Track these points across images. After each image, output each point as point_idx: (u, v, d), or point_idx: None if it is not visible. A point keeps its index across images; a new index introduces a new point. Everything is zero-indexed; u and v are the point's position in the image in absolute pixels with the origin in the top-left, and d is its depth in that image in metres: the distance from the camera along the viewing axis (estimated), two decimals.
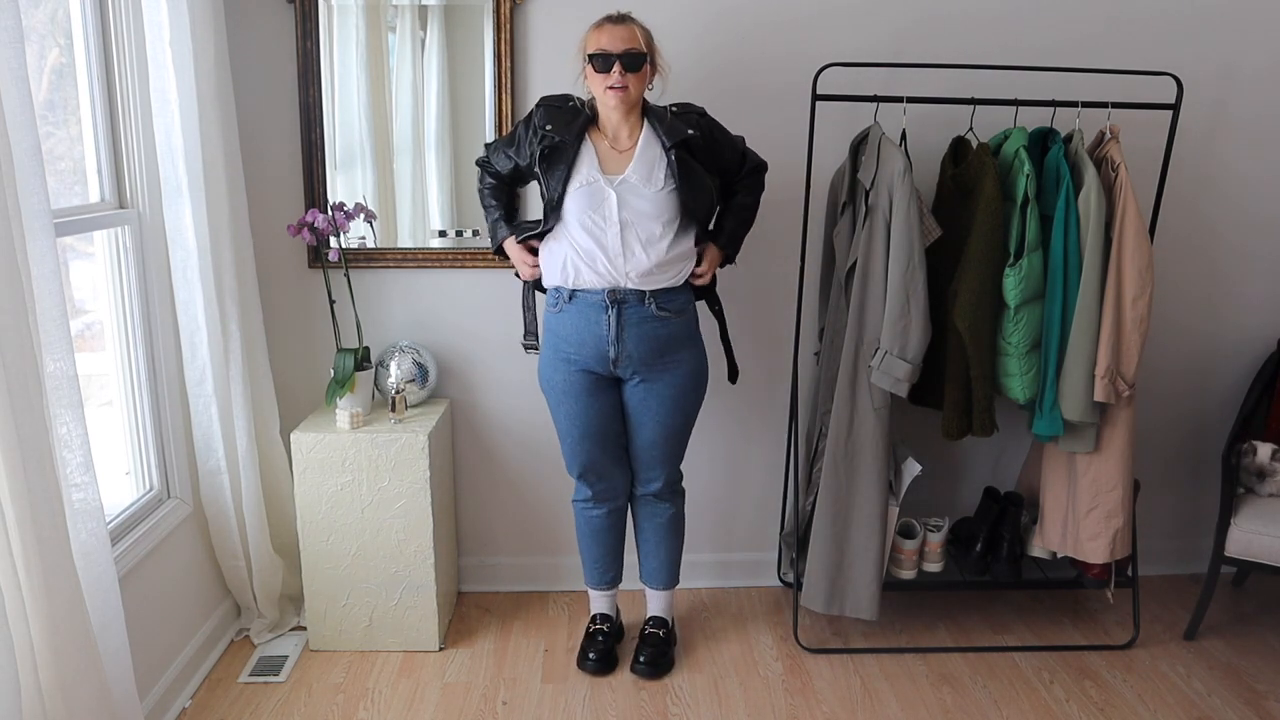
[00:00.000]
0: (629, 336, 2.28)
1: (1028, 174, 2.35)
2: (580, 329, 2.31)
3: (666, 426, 2.41)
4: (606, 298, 2.26)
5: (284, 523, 2.77)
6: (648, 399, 2.38)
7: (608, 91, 2.18)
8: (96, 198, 2.27)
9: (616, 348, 2.29)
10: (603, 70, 2.17)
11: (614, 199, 2.22)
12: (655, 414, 2.39)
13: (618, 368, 2.33)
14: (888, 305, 2.40)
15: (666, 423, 2.41)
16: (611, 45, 2.16)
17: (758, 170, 2.43)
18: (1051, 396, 2.47)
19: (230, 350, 2.47)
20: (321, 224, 2.53)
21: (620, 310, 2.27)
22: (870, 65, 2.50)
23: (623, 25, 2.19)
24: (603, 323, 2.28)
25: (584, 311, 2.29)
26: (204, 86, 2.29)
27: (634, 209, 2.22)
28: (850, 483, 2.54)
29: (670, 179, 2.23)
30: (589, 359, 2.33)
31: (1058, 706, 2.47)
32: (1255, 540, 2.60)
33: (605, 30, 2.19)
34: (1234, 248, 2.93)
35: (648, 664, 2.56)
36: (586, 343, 2.31)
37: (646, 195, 2.22)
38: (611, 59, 2.16)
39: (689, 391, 2.40)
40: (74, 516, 1.75)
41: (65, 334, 1.70)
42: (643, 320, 2.28)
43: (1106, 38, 2.72)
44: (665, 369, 2.35)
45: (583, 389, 2.37)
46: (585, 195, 2.23)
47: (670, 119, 2.27)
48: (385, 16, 2.65)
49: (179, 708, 2.39)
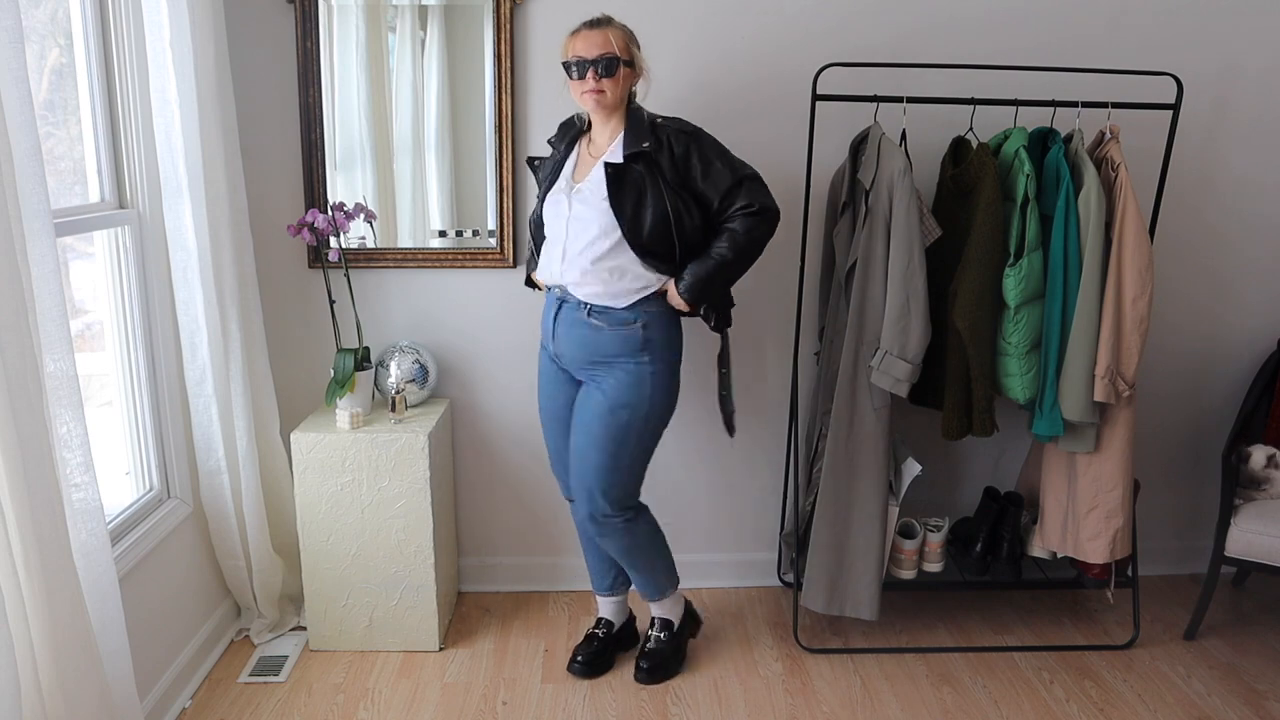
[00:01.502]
0: (560, 334, 2.33)
1: (1028, 174, 2.35)
2: (543, 318, 2.41)
3: (591, 434, 2.30)
4: (556, 293, 2.33)
5: (284, 523, 2.77)
6: (582, 400, 2.34)
7: (584, 96, 2.20)
8: (96, 198, 2.27)
9: (554, 344, 2.36)
10: (578, 77, 2.18)
11: (566, 203, 2.27)
12: (580, 416, 2.33)
13: (560, 362, 2.38)
14: (888, 305, 2.40)
15: (590, 429, 2.29)
16: (586, 51, 2.16)
17: (754, 214, 2.18)
18: (1051, 396, 2.47)
19: (230, 350, 2.47)
20: (321, 224, 2.53)
21: (560, 308, 2.32)
22: (870, 65, 2.50)
23: (598, 30, 2.18)
24: (550, 315, 2.36)
25: (546, 302, 2.40)
26: (204, 86, 2.29)
27: (578, 216, 2.24)
28: (850, 483, 2.54)
29: (601, 191, 2.18)
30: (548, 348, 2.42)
31: (1058, 706, 2.47)
32: (1255, 540, 2.60)
33: (580, 36, 2.19)
34: (1234, 248, 2.93)
35: (647, 670, 2.55)
36: (543, 331, 2.41)
37: (592, 204, 2.21)
38: (586, 65, 2.16)
39: (618, 403, 2.26)
40: (74, 516, 1.75)
41: (65, 334, 1.70)
42: (575, 323, 2.30)
43: (1106, 38, 2.72)
44: (601, 374, 2.29)
45: (547, 376, 2.46)
46: (552, 200, 2.31)
47: (641, 129, 2.19)
48: (385, 16, 2.65)
49: (179, 708, 2.39)
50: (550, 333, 2.36)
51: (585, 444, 2.32)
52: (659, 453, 2.41)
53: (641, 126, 2.20)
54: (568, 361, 2.35)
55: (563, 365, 2.38)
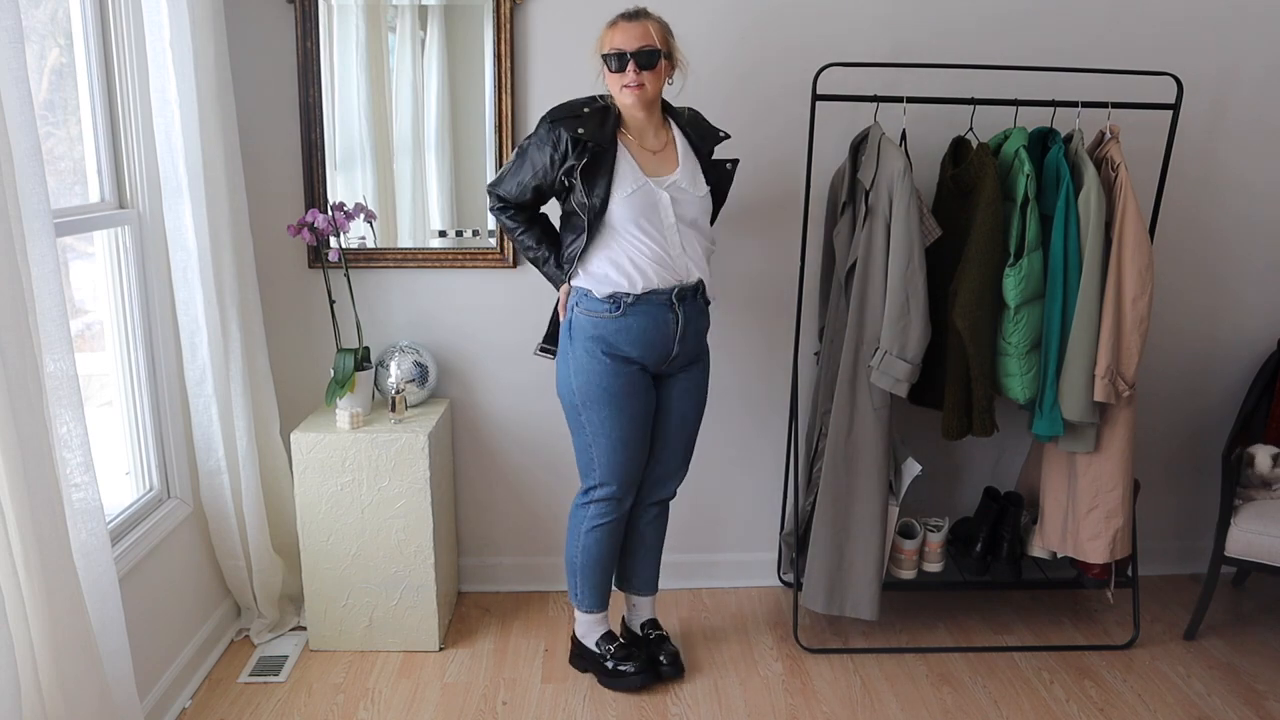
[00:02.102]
0: (689, 331, 2.33)
1: (1028, 174, 2.35)
2: (648, 329, 2.27)
3: (694, 420, 2.47)
4: (674, 296, 2.28)
5: (284, 523, 2.77)
6: (689, 390, 2.42)
7: (624, 90, 2.17)
8: (96, 198, 2.27)
9: (679, 344, 2.32)
10: (618, 70, 2.16)
11: (667, 200, 2.23)
12: (693, 405, 2.45)
13: (673, 364, 2.35)
14: (888, 305, 2.40)
15: (694, 415, 2.47)
16: (625, 43, 2.14)
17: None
18: (1051, 396, 2.47)
19: (230, 350, 2.47)
20: (321, 224, 2.53)
21: (683, 307, 2.30)
22: (870, 65, 2.50)
23: (636, 22, 2.17)
24: (669, 320, 2.29)
25: (651, 312, 2.26)
26: (204, 86, 2.29)
27: (685, 210, 2.26)
28: (850, 483, 2.54)
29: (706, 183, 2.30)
30: (653, 359, 2.31)
31: (1058, 706, 2.47)
32: (1255, 540, 2.60)
33: (619, 28, 2.17)
34: (1234, 248, 2.93)
35: (672, 665, 2.55)
36: (655, 343, 2.28)
37: (693, 196, 2.26)
38: (626, 57, 2.14)
39: (707, 380, 2.48)
40: (74, 516, 1.75)
41: (65, 334, 1.70)
42: (698, 314, 2.34)
43: (1106, 38, 2.72)
44: (698, 360, 2.42)
45: (644, 387, 2.34)
46: (638, 200, 2.19)
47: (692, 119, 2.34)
48: (385, 16, 2.65)
49: (179, 708, 2.39)
50: (674, 336, 2.29)
51: (691, 431, 2.47)
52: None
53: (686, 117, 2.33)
54: (685, 356, 2.36)
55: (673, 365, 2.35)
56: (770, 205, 2.78)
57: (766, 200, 2.78)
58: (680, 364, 2.37)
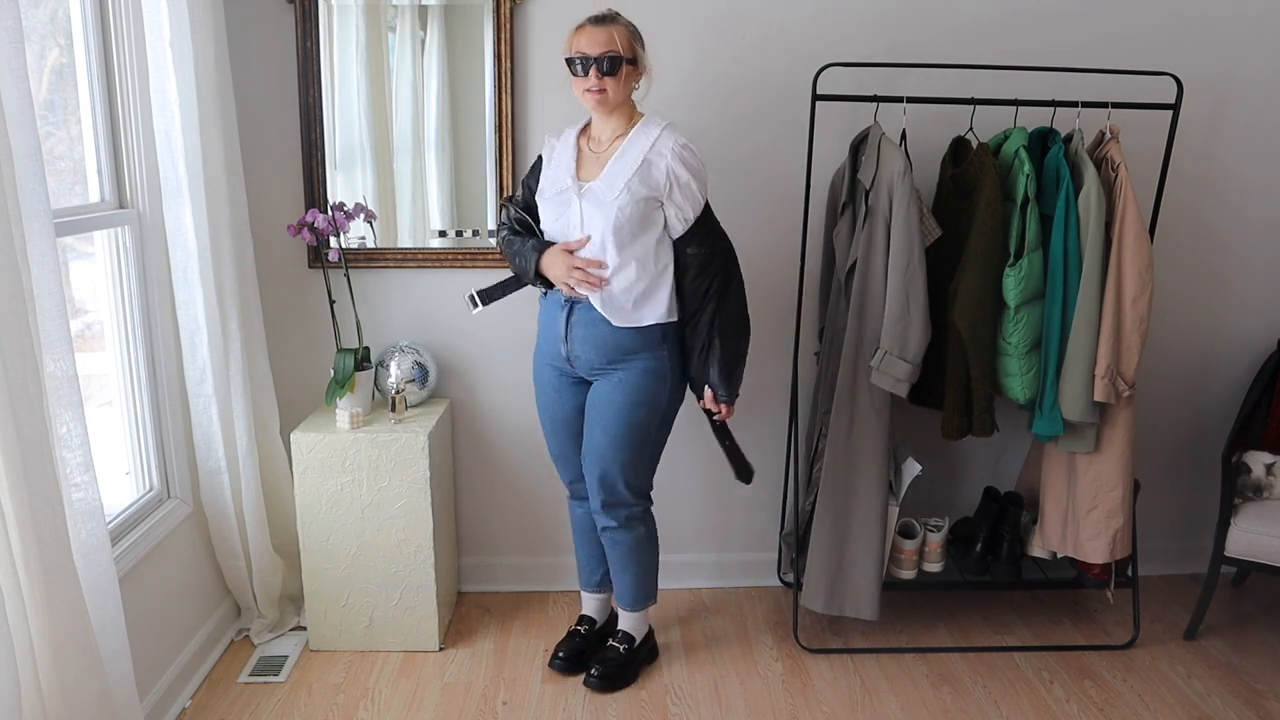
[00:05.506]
0: (575, 337, 2.30)
1: (1028, 174, 2.35)
2: (546, 325, 2.38)
3: (600, 428, 2.33)
4: (564, 298, 2.29)
5: (284, 523, 2.77)
6: (601, 396, 2.33)
7: (585, 94, 2.18)
8: (96, 198, 2.27)
9: (567, 346, 2.33)
10: (580, 74, 2.16)
11: (577, 206, 2.23)
12: (602, 413, 2.32)
13: (574, 366, 2.35)
14: (888, 305, 2.40)
15: (604, 424, 2.32)
16: (589, 48, 2.14)
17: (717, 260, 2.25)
18: (1051, 396, 2.47)
19: (230, 350, 2.47)
20: (321, 224, 2.53)
21: (571, 310, 2.29)
22: (870, 65, 2.50)
23: (602, 27, 2.15)
24: (559, 319, 2.32)
25: (549, 309, 2.36)
26: (204, 86, 2.29)
27: (591, 217, 2.21)
28: (850, 483, 2.54)
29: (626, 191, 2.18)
30: (553, 355, 2.38)
31: (1058, 706, 2.47)
32: (1255, 540, 2.60)
33: (585, 32, 2.16)
34: (1234, 248, 2.93)
35: (598, 678, 2.50)
36: (550, 339, 2.37)
37: (606, 203, 2.19)
38: (589, 62, 2.14)
39: (635, 391, 2.28)
40: (74, 516, 1.75)
41: (65, 334, 1.70)
42: (591, 322, 2.27)
43: (1106, 38, 2.72)
44: (616, 369, 2.30)
45: (548, 383, 2.43)
46: (554, 200, 2.27)
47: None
48: (385, 16, 2.65)
49: (179, 708, 2.39)
50: (561, 338, 2.32)
51: (601, 440, 2.34)
52: None
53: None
54: (585, 364, 2.32)
55: (574, 367, 2.34)
56: (770, 205, 2.78)
57: (766, 200, 2.78)
58: (586, 368, 2.32)
